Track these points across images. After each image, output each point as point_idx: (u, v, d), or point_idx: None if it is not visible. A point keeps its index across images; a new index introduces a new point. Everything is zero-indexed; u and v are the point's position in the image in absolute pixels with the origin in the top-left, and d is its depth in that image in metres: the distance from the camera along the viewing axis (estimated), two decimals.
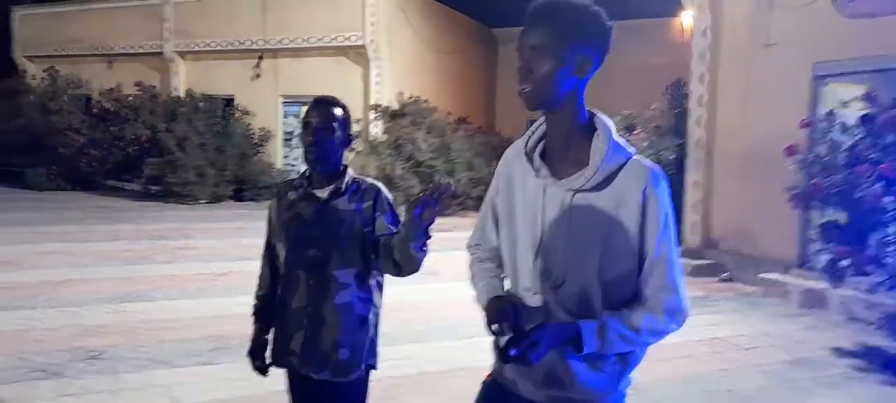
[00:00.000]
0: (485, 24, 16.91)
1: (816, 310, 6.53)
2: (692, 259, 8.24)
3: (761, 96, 7.74)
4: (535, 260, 1.58)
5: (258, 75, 15.18)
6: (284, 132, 15.24)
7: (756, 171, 7.66)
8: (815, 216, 6.50)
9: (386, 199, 2.20)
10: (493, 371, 1.74)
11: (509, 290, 1.68)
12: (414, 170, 12.51)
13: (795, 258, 7.30)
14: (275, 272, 2.30)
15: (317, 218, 2.17)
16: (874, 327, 5.61)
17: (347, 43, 13.87)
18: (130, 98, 15.42)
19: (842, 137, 5.69)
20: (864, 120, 5.42)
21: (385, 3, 13.71)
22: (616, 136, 1.55)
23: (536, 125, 1.67)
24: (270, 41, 14.80)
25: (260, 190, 13.91)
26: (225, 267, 7.50)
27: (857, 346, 5.44)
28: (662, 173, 1.55)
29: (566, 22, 1.49)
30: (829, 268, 5.46)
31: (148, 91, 15.48)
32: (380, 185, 2.23)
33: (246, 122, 14.92)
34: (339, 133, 2.16)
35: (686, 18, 11.25)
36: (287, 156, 15.20)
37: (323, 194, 2.18)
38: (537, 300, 1.58)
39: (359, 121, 13.36)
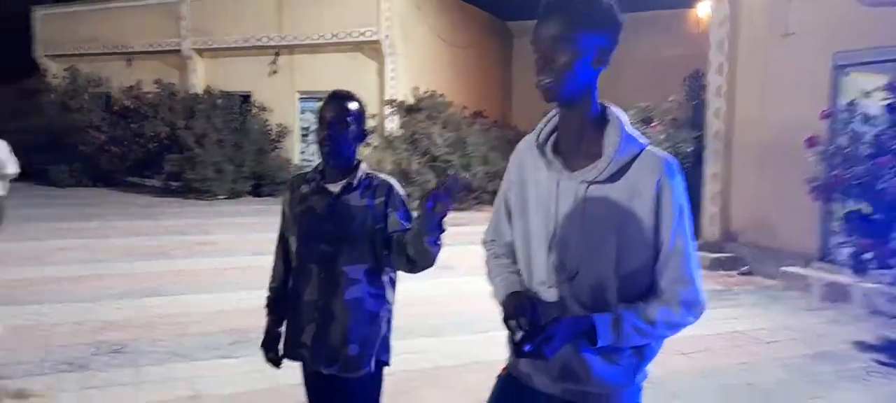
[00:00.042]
0: (499, 18, 16.85)
1: (838, 304, 6.45)
2: (711, 252, 8.17)
3: (781, 87, 7.64)
4: (548, 253, 1.57)
5: (275, 72, 15.28)
6: (301, 128, 15.34)
7: (775, 163, 7.56)
8: (837, 208, 6.40)
9: (398, 195, 2.17)
10: (507, 364, 1.73)
11: (524, 285, 1.67)
12: (430, 165, 12.53)
13: (816, 251, 7.20)
14: (288, 264, 2.29)
15: (328, 212, 2.15)
16: None
17: (363, 38, 13.91)
18: (150, 95, 15.63)
19: (864, 128, 5.60)
20: (887, 110, 5.32)
21: None
22: (629, 128, 1.54)
23: (548, 118, 1.65)
24: (286, 37, 14.88)
25: (277, 185, 14.03)
26: (244, 261, 7.58)
27: (879, 340, 5.37)
28: (677, 164, 1.54)
29: (583, 13, 1.48)
30: (851, 261, 5.39)
31: (167, 88, 15.66)
32: (392, 181, 2.21)
33: (263, 119, 15.07)
34: (353, 127, 2.14)
35: (702, 9, 11.15)
36: (304, 152, 15.30)
37: (335, 189, 2.17)
38: (552, 293, 1.57)
39: (374, 116, 13.42)
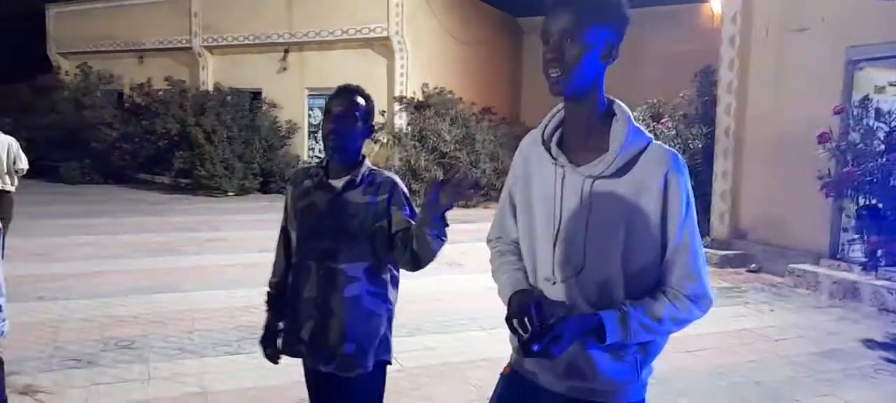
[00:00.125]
0: (509, 14, 16.78)
1: (848, 301, 6.39)
2: (720, 249, 8.12)
3: (792, 82, 7.56)
4: (553, 249, 1.56)
5: (284, 68, 15.32)
6: (310, 124, 15.37)
7: (786, 160, 7.49)
8: (848, 205, 6.35)
9: (402, 193, 2.14)
10: (511, 362, 1.72)
11: (530, 282, 1.65)
12: (438, 161, 12.53)
13: (827, 248, 7.14)
14: (289, 259, 2.26)
15: (330, 209, 2.13)
16: None
17: (372, 35, 13.92)
18: (160, 92, 15.72)
19: (877, 123, 5.55)
20: None
21: None
22: (635, 122, 1.53)
23: (553, 113, 1.64)
24: (296, 34, 14.91)
25: (286, 182, 14.08)
26: (253, 258, 7.61)
27: (888, 338, 5.31)
28: (682, 158, 1.53)
29: (592, 7, 1.47)
30: (862, 258, 5.34)
31: (177, 85, 15.74)
32: (396, 178, 2.18)
33: (273, 115, 15.12)
34: (360, 123, 2.12)
35: (715, 4, 11.04)
36: (313, 149, 15.35)
37: (337, 185, 2.14)
38: (557, 289, 1.55)
39: (383, 112, 13.43)
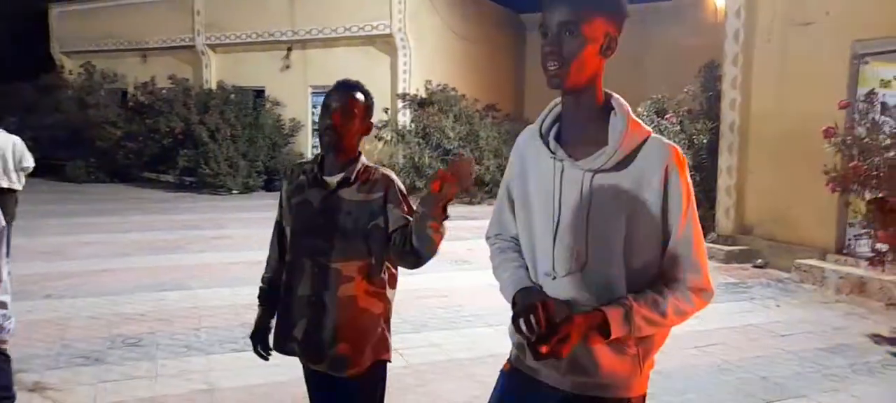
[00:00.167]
0: (512, 10, 16.75)
1: (855, 297, 6.37)
2: (725, 245, 8.11)
3: (797, 77, 7.53)
4: (553, 244, 1.55)
5: (287, 66, 15.32)
6: (314, 122, 15.35)
7: (792, 155, 7.47)
8: (855, 200, 6.32)
9: (398, 190, 2.08)
10: (511, 359, 1.70)
11: (531, 279, 1.63)
12: (442, 159, 12.53)
13: (833, 243, 7.12)
14: (283, 255, 2.21)
15: (323, 206, 2.08)
16: None
17: (375, 32, 13.91)
18: (164, 91, 15.73)
19: (883, 118, 5.52)
20: None
21: None
22: (633, 116, 1.53)
23: (550, 107, 1.63)
24: (299, 32, 14.91)
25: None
26: (257, 256, 7.56)
27: (895, 333, 5.31)
28: (681, 151, 1.52)
29: (592, 0, 1.46)
30: (869, 253, 5.33)
31: (181, 84, 15.75)
32: (392, 175, 2.12)
33: (276, 113, 15.13)
34: (358, 120, 2.07)
35: None
36: (316, 147, 15.36)
37: (332, 182, 2.09)
38: (558, 284, 1.55)
39: (387, 110, 13.43)
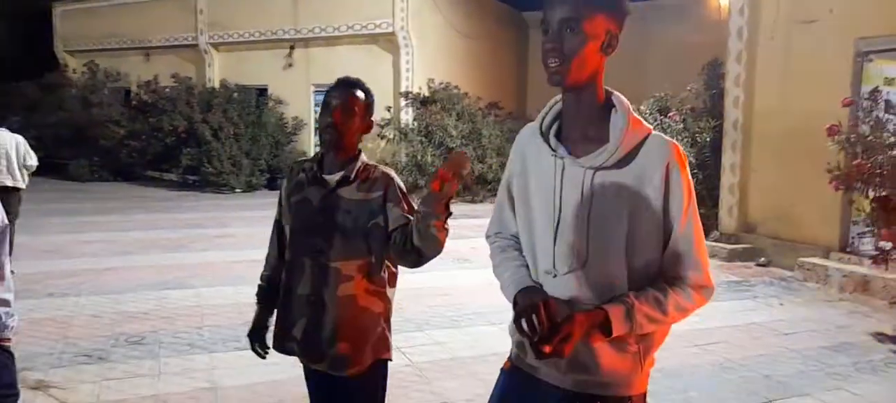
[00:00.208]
0: (514, 8, 16.73)
1: (858, 295, 6.35)
2: (729, 243, 8.09)
3: (801, 75, 7.51)
4: (554, 241, 1.54)
5: (290, 65, 15.33)
6: (316, 120, 15.39)
7: (795, 153, 7.45)
8: (858, 198, 6.31)
9: (398, 188, 2.06)
10: (511, 357, 1.70)
11: (532, 277, 1.63)
12: (444, 157, 12.52)
13: (836, 241, 7.10)
14: (282, 253, 2.20)
15: (323, 205, 2.07)
16: None
17: (378, 30, 13.90)
18: (167, 90, 15.76)
19: (887, 115, 5.51)
20: None
21: None
22: (634, 113, 1.53)
23: (550, 104, 1.63)
24: (302, 30, 14.92)
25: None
26: (260, 254, 7.54)
27: None
28: (682, 148, 1.52)
29: None
30: (872, 251, 5.31)
31: (184, 82, 15.78)
32: (392, 174, 2.10)
33: (279, 112, 15.13)
34: (358, 118, 2.06)
35: None
36: (319, 145, 15.36)
37: (331, 180, 2.08)
38: (558, 282, 1.54)
39: (390, 108, 13.43)
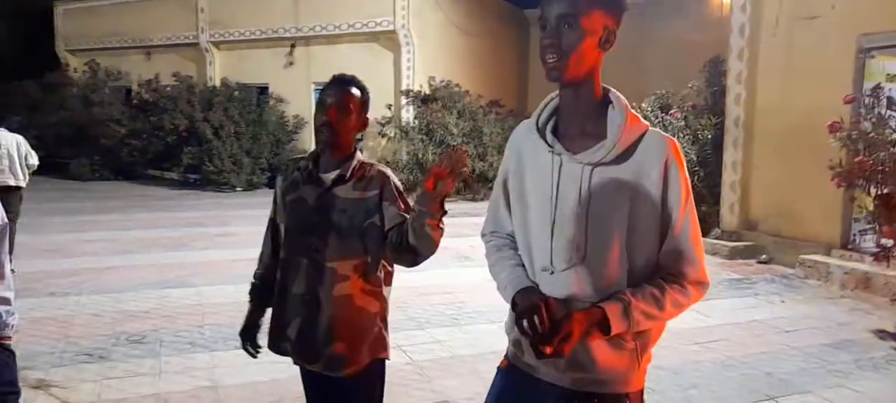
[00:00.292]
0: (515, 5, 16.70)
1: (859, 292, 6.34)
2: (730, 240, 8.08)
3: (803, 72, 7.49)
4: (551, 239, 1.54)
5: (291, 63, 15.32)
6: None
7: (797, 150, 7.43)
8: (860, 195, 6.29)
9: (394, 187, 2.05)
10: (508, 356, 1.69)
11: (529, 276, 1.62)
12: (445, 155, 12.51)
13: (838, 238, 7.08)
14: (277, 252, 2.18)
15: (318, 204, 2.05)
16: None
17: (378, 28, 13.89)
18: (168, 88, 15.76)
19: (889, 112, 5.48)
20: None
21: None
22: (631, 110, 1.52)
23: (546, 101, 1.63)
24: (302, 29, 14.91)
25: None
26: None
27: None
28: (679, 144, 1.52)
29: None
30: (874, 249, 5.30)
31: (185, 81, 15.77)
32: (388, 172, 2.08)
33: (280, 110, 15.13)
34: (354, 116, 2.04)
35: None
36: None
37: (327, 179, 2.06)
38: (555, 279, 1.53)
39: (390, 106, 13.42)
